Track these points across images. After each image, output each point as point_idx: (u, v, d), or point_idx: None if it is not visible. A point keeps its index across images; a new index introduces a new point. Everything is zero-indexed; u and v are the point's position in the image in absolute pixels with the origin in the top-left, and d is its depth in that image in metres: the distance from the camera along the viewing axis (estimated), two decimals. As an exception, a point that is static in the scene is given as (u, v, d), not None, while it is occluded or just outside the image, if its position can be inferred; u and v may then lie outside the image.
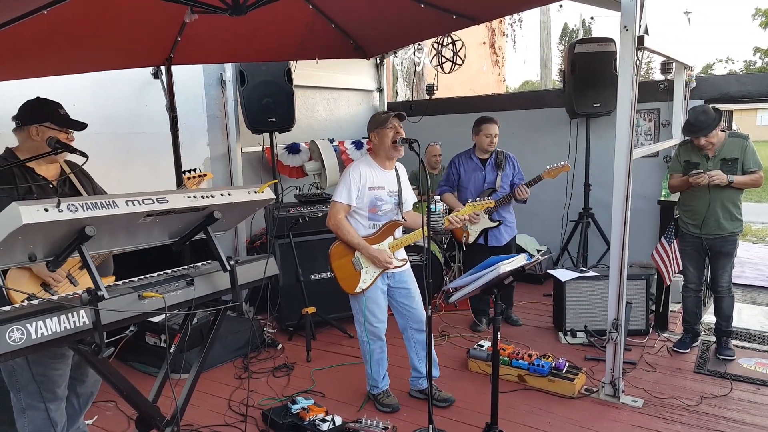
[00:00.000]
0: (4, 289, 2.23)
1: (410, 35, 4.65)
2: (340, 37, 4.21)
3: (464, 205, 3.50)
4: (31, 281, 2.36)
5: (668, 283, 4.24)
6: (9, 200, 1.58)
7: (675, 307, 4.66)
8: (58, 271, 2.39)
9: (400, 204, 3.30)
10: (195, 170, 3.11)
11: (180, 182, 3.08)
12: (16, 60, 3.18)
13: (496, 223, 4.41)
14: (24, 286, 2.32)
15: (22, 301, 2.03)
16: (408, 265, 3.39)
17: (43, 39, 3.02)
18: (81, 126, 2.51)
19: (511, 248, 4.53)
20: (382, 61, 6.95)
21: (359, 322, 3.33)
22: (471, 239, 4.46)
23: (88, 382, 2.66)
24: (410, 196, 3.39)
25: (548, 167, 4.22)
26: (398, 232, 3.34)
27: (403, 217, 3.33)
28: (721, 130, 3.77)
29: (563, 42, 29.21)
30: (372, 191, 3.20)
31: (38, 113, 2.42)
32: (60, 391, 2.46)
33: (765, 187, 14.70)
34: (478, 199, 3.62)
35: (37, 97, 2.48)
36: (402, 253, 3.36)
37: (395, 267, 3.28)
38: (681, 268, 4.13)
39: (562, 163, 4.24)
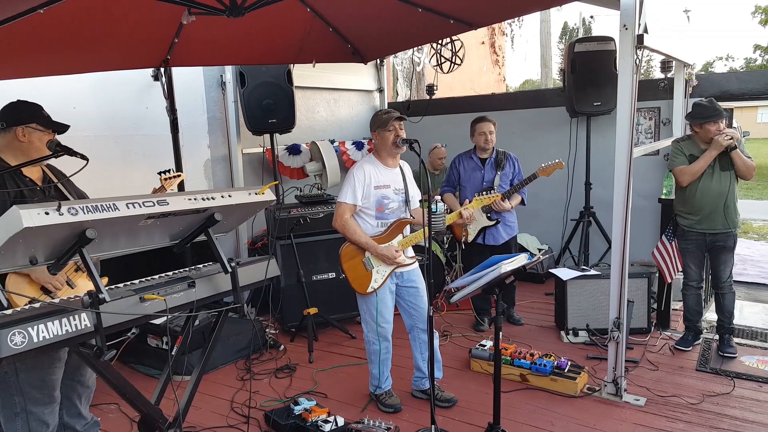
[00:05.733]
0: (3, 293, 2.23)
1: (408, 40, 4.65)
2: (337, 42, 4.21)
3: (462, 206, 3.55)
4: (30, 286, 2.36)
5: (669, 281, 4.23)
6: (1, 203, 1.58)
7: (676, 306, 4.65)
8: (57, 275, 2.39)
9: (407, 202, 3.30)
10: (169, 171, 3.29)
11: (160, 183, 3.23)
12: (11, 59, 3.18)
13: (493, 222, 4.41)
14: (24, 292, 2.32)
15: (25, 306, 2.03)
16: (416, 263, 3.39)
17: (38, 38, 3.01)
18: (64, 128, 2.51)
19: (511, 247, 4.52)
20: (382, 61, 6.95)
21: (367, 322, 3.33)
22: (470, 238, 4.46)
23: (88, 381, 2.67)
24: (416, 194, 3.39)
25: (543, 165, 4.21)
26: (407, 230, 3.34)
27: (411, 215, 3.33)
28: None
29: (563, 41, 29.22)
30: (378, 190, 3.21)
31: (23, 114, 2.41)
32: (56, 394, 2.45)
33: (766, 184, 14.77)
34: (484, 192, 3.64)
35: (18, 100, 2.47)
36: (410, 252, 3.37)
37: (405, 264, 3.28)
38: (681, 267, 4.12)
39: (557, 160, 4.20)
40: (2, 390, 2.37)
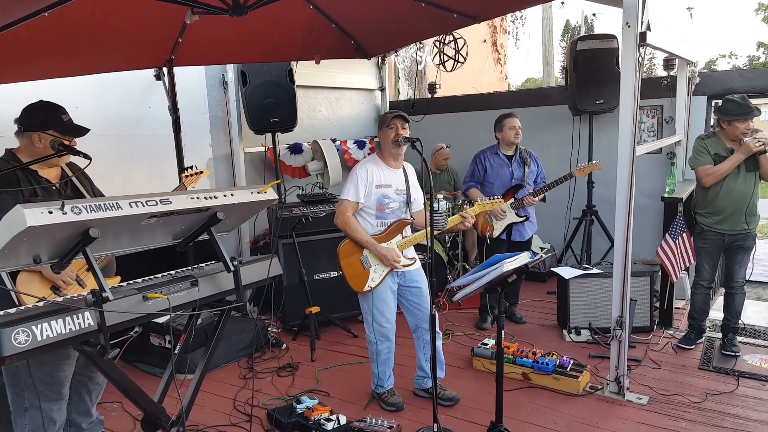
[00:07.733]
0: (13, 293, 2.24)
1: (411, 35, 4.65)
2: (340, 38, 4.22)
3: (490, 200, 3.59)
4: (41, 284, 2.38)
5: (675, 280, 4.22)
6: (14, 203, 1.59)
7: (679, 304, 4.64)
8: (68, 273, 2.41)
9: (408, 203, 3.30)
10: (192, 167, 3.18)
11: (180, 181, 3.16)
12: (17, 62, 3.19)
13: (522, 218, 4.41)
14: (35, 289, 2.34)
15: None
16: (418, 263, 3.38)
17: (43, 41, 3.02)
18: (83, 132, 2.51)
19: (531, 244, 4.54)
20: (383, 60, 6.95)
21: (368, 322, 3.32)
22: (495, 234, 4.44)
23: (98, 377, 2.69)
24: (419, 196, 3.39)
25: (580, 165, 4.26)
26: (407, 230, 3.34)
27: (411, 216, 3.33)
28: None
29: (565, 39, 29.10)
30: (379, 189, 3.21)
31: (41, 120, 2.41)
32: (65, 390, 2.48)
33: (769, 182, 14.77)
34: (488, 198, 3.66)
35: (41, 101, 2.47)
36: (411, 252, 3.36)
37: (404, 266, 3.28)
38: (688, 264, 4.10)
39: (594, 161, 4.33)
40: (12, 385, 2.40)
